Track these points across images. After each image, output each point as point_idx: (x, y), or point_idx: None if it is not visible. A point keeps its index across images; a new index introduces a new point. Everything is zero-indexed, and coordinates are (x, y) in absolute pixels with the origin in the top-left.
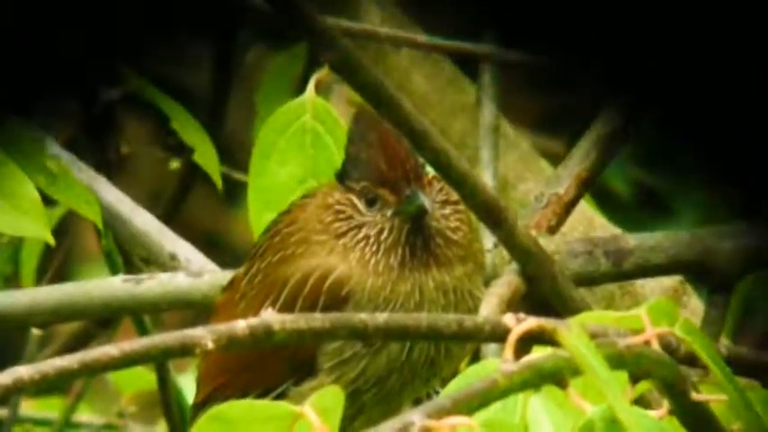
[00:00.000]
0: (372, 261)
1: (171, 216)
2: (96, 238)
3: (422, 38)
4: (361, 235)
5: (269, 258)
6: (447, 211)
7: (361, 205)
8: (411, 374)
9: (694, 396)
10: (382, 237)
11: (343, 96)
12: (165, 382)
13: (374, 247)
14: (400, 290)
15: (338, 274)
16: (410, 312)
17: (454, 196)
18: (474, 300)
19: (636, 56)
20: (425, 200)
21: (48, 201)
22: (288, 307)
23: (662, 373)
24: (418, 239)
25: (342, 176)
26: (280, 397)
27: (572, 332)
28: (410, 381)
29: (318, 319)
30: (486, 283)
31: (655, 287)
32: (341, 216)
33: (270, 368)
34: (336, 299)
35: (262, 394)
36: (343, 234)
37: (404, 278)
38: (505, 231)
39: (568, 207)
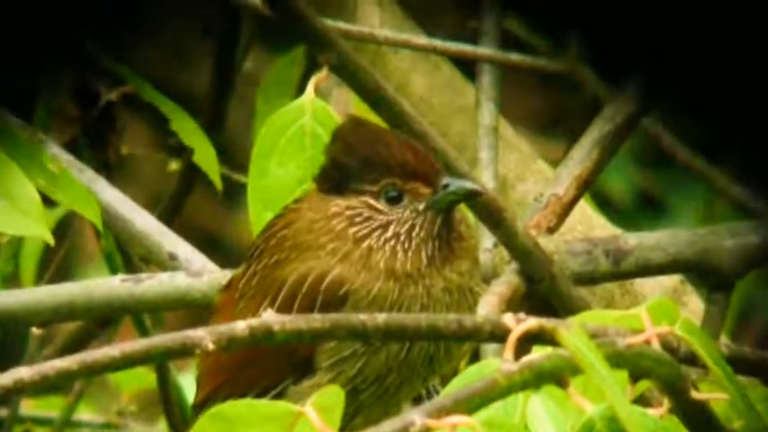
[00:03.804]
0: (402, 259)
1: (171, 216)
2: (96, 239)
3: (421, 39)
4: (389, 233)
5: (265, 260)
6: None
7: (381, 205)
8: (409, 373)
9: (694, 395)
10: (414, 232)
11: (343, 98)
12: (165, 381)
13: (406, 244)
14: (410, 292)
15: (336, 274)
16: (418, 311)
17: None
18: (474, 296)
19: (642, 46)
20: (472, 183)
21: (48, 201)
22: (286, 306)
23: (662, 372)
24: (445, 232)
25: (337, 185)
26: (279, 396)
27: (572, 332)
28: (408, 379)
29: (318, 320)
30: (486, 283)
31: (655, 286)
32: (357, 220)
33: (269, 367)
34: (334, 298)
35: (261, 393)
36: (366, 236)
37: (422, 278)
38: (505, 231)
39: (568, 207)
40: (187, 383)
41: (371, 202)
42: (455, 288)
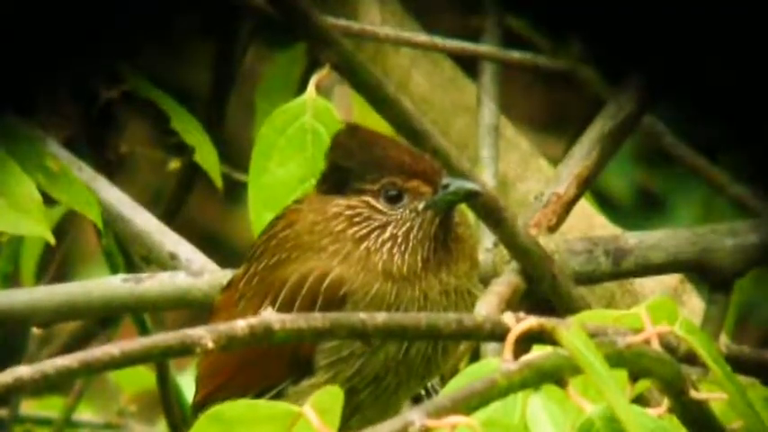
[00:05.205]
0: (399, 262)
1: (171, 216)
2: (97, 238)
3: (422, 37)
4: (386, 235)
5: (266, 261)
6: None
7: (380, 205)
8: (407, 373)
9: (694, 395)
10: (412, 234)
11: (344, 96)
12: (165, 381)
13: (402, 247)
14: (407, 295)
15: (336, 274)
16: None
17: None
18: (471, 298)
19: (643, 45)
20: (473, 183)
21: (48, 200)
22: (286, 307)
23: (662, 371)
24: (442, 233)
25: (337, 185)
26: (278, 396)
27: (571, 331)
28: (406, 380)
29: (318, 319)
30: (486, 283)
31: (655, 286)
32: (357, 220)
33: (269, 367)
34: (334, 299)
35: (260, 394)
36: (365, 237)
37: (418, 281)
38: (505, 231)
39: (568, 206)
40: (187, 383)
41: (371, 201)
42: (452, 290)
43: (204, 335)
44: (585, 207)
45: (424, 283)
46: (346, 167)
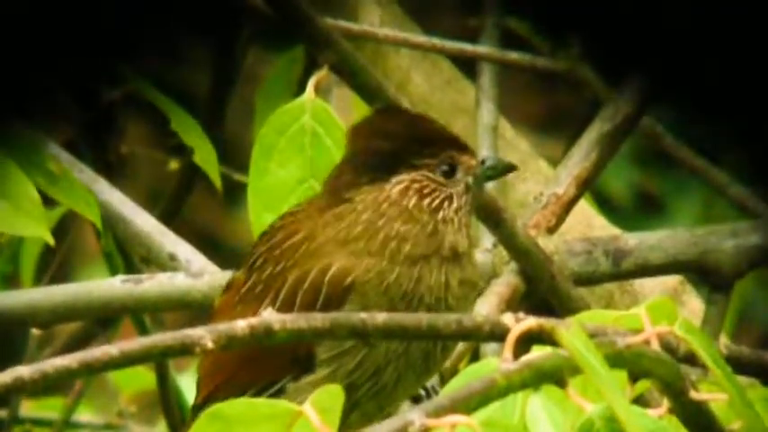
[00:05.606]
0: (465, 230)
1: (171, 217)
2: (96, 239)
3: (421, 38)
4: (455, 205)
5: (270, 269)
6: None
7: (439, 178)
8: (406, 367)
9: (694, 395)
10: (463, 209)
11: (343, 98)
12: (164, 381)
13: (464, 220)
14: (428, 282)
15: (340, 265)
16: (432, 303)
17: None
18: (475, 289)
19: (643, 46)
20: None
21: (48, 201)
22: (290, 299)
23: (661, 372)
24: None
25: (390, 165)
26: (278, 393)
27: (571, 331)
28: (405, 374)
29: (318, 319)
30: (486, 283)
31: (654, 287)
32: (426, 191)
33: (270, 364)
34: (338, 288)
35: (261, 390)
36: (439, 208)
37: (458, 260)
38: (505, 232)
39: (567, 207)
40: (187, 384)
41: (430, 175)
42: (467, 280)
43: (204, 335)
44: (585, 208)
45: (443, 270)
46: (387, 151)
